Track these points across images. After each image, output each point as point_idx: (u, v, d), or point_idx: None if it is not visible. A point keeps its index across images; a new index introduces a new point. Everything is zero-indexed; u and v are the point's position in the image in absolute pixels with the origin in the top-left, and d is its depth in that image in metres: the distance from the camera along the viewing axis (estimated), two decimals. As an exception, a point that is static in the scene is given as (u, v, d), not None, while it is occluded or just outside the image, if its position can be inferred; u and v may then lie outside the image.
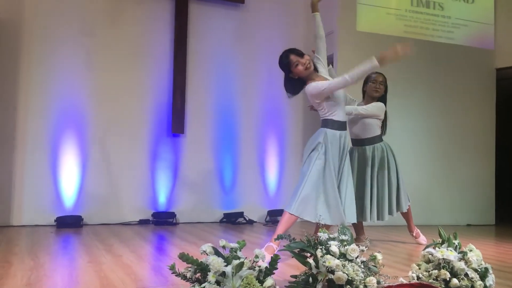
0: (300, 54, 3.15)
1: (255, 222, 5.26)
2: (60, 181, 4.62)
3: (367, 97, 3.81)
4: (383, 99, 3.80)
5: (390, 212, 3.69)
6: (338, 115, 3.18)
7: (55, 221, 4.45)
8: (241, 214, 5.16)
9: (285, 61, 3.15)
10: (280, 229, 2.95)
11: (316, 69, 3.23)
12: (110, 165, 4.79)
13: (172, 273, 1.84)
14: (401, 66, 5.54)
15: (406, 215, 3.86)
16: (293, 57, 3.12)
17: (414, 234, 3.91)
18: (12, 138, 4.48)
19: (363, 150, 3.75)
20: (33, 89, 4.58)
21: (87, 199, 4.69)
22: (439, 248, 2.09)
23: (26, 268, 2.53)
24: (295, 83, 3.19)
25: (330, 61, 5.35)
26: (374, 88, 3.75)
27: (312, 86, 3.10)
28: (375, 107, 3.69)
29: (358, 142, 3.79)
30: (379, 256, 2.10)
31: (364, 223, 3.82)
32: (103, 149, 4.79)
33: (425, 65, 5.71)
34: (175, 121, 5.06)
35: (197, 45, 5.23)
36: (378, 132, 3.77)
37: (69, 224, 4.41)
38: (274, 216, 5.27)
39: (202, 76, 5.28)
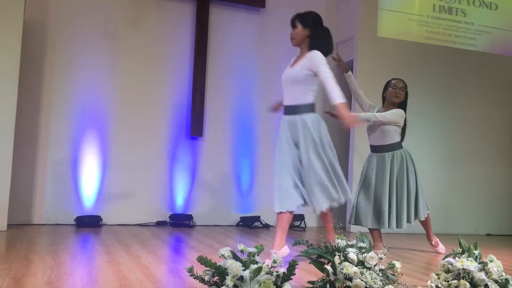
0: (293, 25, 3.28)
1: (272, 226, 5.26)
2: (81, 181, 4.69)
3: (387, 103, 3.78)
4: (403, 105, 3.77)
5: (409, 220, 3.65)
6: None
7: (74, 220, 4.52)
8: (257, 218, 5.17)
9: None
10: (278, 232, 2.96)
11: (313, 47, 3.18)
12: (130, 167, 4.84)
13: (190, 275, 1.86)
14: (421, 72, 5.50)
15: (425, 224, 3.82)
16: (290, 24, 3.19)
17: (433, 243, 3.86)
18: (35, 138, 4.57)
19: (382, 157, 3.72)
20: (56, 90, 4.66)
21: (106, 200, 4.75)
22: (459, 258, 2.07)
23: (47, 266, 2.57)
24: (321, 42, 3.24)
25: (350, 66, 5.35)
26: (394, 94, 3.72)
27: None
28: (395, 113, 3.66)
29: (377, 149, 3.77)
30: (397, 265, 2.09)
31: (382, 231, 3.79)
32: (123, 151, 4.85)
33: (447, 71, 5.65)
34: (193, 124, 5.09)
35: (217, 48, 5.27)
36: (397, 139, 3.74)
37: (88, 223, 4.47)
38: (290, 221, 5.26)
39: (222, 79, 5.31)
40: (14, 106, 4.03)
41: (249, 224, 5.12)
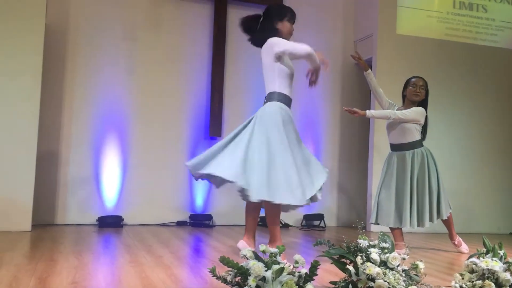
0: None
1: (291, 226, 5.26)
2: (102, 182, 4.75)
3: (407, 102, 3.75)
4: (424, 103, 3.73)
5: (431, 219, 3.61)
6: None
7: (97, 220, 4.58)
8: (277, 218, 5.16)
9: (290, 13, 3.12)
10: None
11: None
12: (149, 167, 4.89)
13: (213, 276, 1.87)
14: (442, 69, 5.43)
15: (447, 223, 3.78)
16: (294, 15, 3.13)
17: (455, 242, 3.81)
18: (57, 139, 4.65)
19: (402, 155, 3.69)
20: (77, 92, 4.74)
21: (127, 200, 4.80)
22: (483, 258, 2.04)
23: (71, 266, 2.61)
24: (270, 32, 3.04)
25: (369, 64, 5.31)
26: (414, 92, 3.69)
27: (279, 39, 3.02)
28: (415, 111, 3.63)
29: (397, 147, 3.74)
30: (421, 265, 2.07)
31: (403, 230, 3.75)
32: (143, 151, 4.90)
33: (468, 68, 5.57)
34: (212, 124, 5.12)
35: (235, 48, 5.28)
36: (417, 137, 3.70)
37: (110, 223, 4.53)
38: (310, 220, 5.25)
39: (240, 79, 5.32)
40: (37, 108, 4.10)
41: (269, 224, 5.11)
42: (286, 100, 3.01)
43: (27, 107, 4.07)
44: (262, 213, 5.09)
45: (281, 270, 1.76)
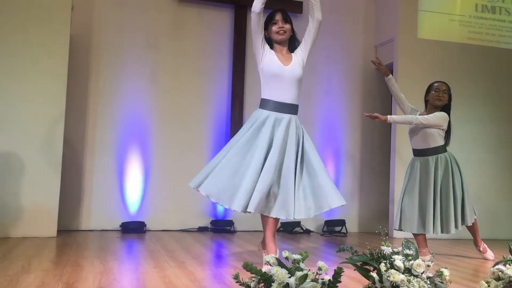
0: (286, 20, 3.05)
1: (312, 232, 5.24)
2: (125, 188, 4.82)
3: (430, 106, 3.71)
4: (446, 108, 3.69)
5: (456, 226, 3.57)
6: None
7: (120, 226, 4.65)
8: (298, 224, 5.16)
9: (268, 17, 3.09)
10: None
11: (293, 49, 3.10)
12: (171, 174, 4.94)
13: (236, 282, 1.88)
14: (465, 73, 5.37)
15: (472, 229, 3.72)
16: (278, 16, 3.04)
17: (480, 249, 3.75)
18: (82, 146, 4.74)
19: (426, 161, 3.66)
20: (101, 100, 4.82)
21: (149, 206, 4.86)
22: (509, 265, 2.01)
23: (97, 271, 2.66)
24: (267, 42, 3.08)
25: (390, 68, 5.28)
26: (436, 97, 3.66)
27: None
28: (438, 117, 3.60)
29: (420, 153, 3.71)
30: (446, 272, 2.05)
31: (427, 236, 3.71)
32: (165, 158, 4.95)
33: (491, 72, 5.49)
34: (233, 131, 5.14)
35: (255, 55, 5.30)
36: (440, 142, 3.66)
37: (133, 229, 4.59)
38: (331, 226, 5.23)
39: (260, 85, 5.33)
40: (62, 116, 4.19)
41: (290, 230, 5.12)
42: (269, 105, 3.01)
43: (53, 115, 4.16)
44: (284, 220, 5.10)
45: (305, 276, 1.77)
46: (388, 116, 3.57)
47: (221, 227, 4.94)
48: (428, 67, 5.21)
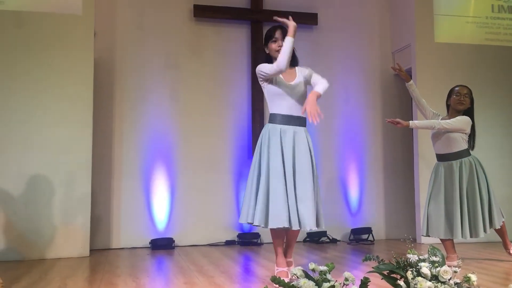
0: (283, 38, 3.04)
1: (339, 241, 5.24)
2: (153, 206, 4.93)
3: (452, 111, 3.71)
4: (469, 112, 3.68)
5: (484, 229, 3.53)
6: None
7: (149, 243, 4.74)
8: (324, 233, 5.17)
9: (268, 33, 3.11)
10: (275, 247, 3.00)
11: (294, 64, 3.11)
12: (197, 189, 5.03)
13: (266, 295, 1.93)
14: (486, 75, 5.33)
15: (501, 232, 3.69)
16: (278, 34, 3.05)
17: (510, 252, 3.71)
18: (109, 168, 4.87)
19: (450, 165, 3.65)
20: (125, 121, 4.96)
21: (177, 222, 4.95)
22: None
23: (130, 289, 2.74)
24: (266, 59, 3.10)
25: (408, 74, 5.27)
26: (458, 101, 3.65)
27: (260, 65, 3.05)
28: (460, 121, 3.59)
29: (444, 157, 3.70)
30: (473, 278, 2.06)
31: (456, 240, 3.68)
32: (189, 174, 5.04)
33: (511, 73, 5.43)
34: (254, 143, 5.21)
35: (273, 68, 5.37)
36: (464, 146, 3.65)
37: (162, 245, 4.68)
38: (357, 234, 5.22)
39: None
40: (90, 138, 4.33)
41: (316, 240, 5.13)
42: (278, 119, 3.05)
43: (81, 138, 4.30)
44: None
45: None
46: (410, 122, 3.58)
47: (247, 240, 4.99)
48: (447, 70, 5.19)
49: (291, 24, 2.92)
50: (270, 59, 3.10)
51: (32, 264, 3.80)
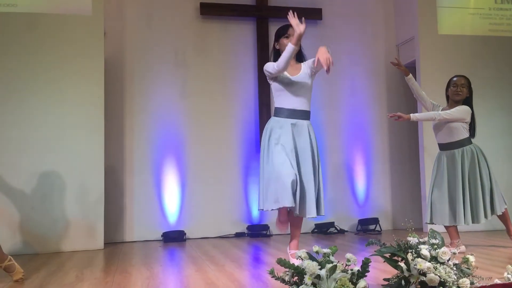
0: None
1: (346, 231, 5.34)
2: (164, 200, 5.07)
3: (451, 102, 3.80)
4: (468, 101, 3.76)
5: (485, 215, 3.62)
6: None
7: (161, 236, 4.88)
8: (332, 224, 5.27)
9: (282, 30, 3.23)
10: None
11: (300, 60, 3.25)
12: (207, 183, 5.15)
13: (272, 277, 2.04)
14: (488, 65, 5.37)
15: (504, 218, 3.76)
16: (291, 31, 3.14)
17: (514, 238, 3.78)
18: (121, 164, 5.01)
19: (452, 154, 3.73)
20: (136, 118, 5.10)
21: (188, 215, 5.08)
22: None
23: (144, 277, 2.87)
24: (275, 54, 3.24)
25: (412, 67, 5.35)
26: (455, 92, 3.74)
27: (266, 64, 3.19)
28: (460, 111, 3.67)
29: (446, 147, 3.78)
30: (471, 258, 2.15)
31: (460, 228, 3.76)
32: (200, 168, 5.17)
33: (516, 61, 5.48)
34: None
35: (279, 64, 5.47)
36: (465, 134, 3.73)
37: (174, 238, 4.81)
38: (365, 225, 5.32)
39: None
40: (102, 135, 4.47)
41: (324, 231, 5.23)
42: (282, 112, 3.18)
43: (93, 136, 4.44)
44: (318, 220, 5.19)
45: (334, 268, 1.91)
46: (411, 115, 3.68)
47: (257, 231, 5.10)
48: (450, 62, 5.25)
49: (297, 32, 3.00)
50: (278, 55, 3.20)
51: (49, 256, 3.95)
